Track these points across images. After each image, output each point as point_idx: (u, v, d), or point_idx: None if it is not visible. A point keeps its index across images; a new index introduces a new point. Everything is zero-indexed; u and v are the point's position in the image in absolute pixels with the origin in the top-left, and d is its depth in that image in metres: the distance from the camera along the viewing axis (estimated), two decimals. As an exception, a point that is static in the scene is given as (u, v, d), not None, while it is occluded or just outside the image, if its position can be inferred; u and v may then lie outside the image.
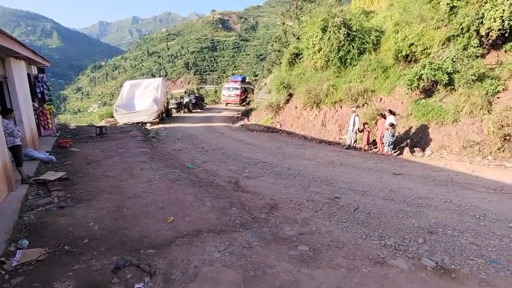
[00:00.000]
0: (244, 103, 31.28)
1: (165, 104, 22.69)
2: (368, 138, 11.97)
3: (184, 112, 27.19)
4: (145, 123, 18.87)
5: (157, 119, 19.45)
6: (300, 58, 18.95)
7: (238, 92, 32.23)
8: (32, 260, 3.84)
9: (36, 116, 11.37)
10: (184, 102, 27.73)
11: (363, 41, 14.72)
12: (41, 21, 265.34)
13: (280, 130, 16.88)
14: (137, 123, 18.65)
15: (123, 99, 19.81)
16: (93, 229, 4.77)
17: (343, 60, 15.18)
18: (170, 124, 19.07)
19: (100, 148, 10.85)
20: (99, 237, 4.51)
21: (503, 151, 9.43)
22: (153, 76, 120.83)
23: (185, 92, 31.44)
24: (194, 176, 7.95)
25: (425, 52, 12.15)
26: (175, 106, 27.35)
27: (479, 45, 10.73)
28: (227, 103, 33.57)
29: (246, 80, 39.36)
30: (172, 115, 24.60)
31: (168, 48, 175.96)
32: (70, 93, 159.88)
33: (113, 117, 20.52)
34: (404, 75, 12.03)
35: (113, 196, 6.20)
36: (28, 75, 10.99)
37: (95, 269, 3.73)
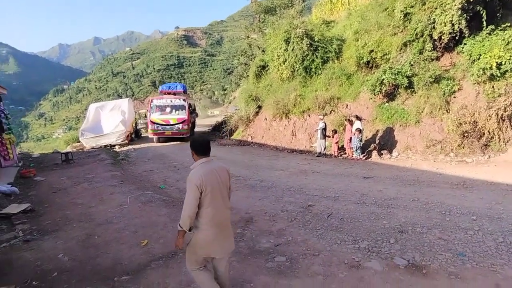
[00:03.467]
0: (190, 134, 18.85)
1: (134, 124, 22.24)
2: (337, 144, 12.28)
3: (154, 131, 26.67)
4: (114, 145, 18.33)
5: (126, 141, 18.96)
6: (267, 70, 19.26)
7: (184, 113, 18.33)
8: (-4, 301, 3.61)
9: (-6, 147, 10.78)
10: (153, 121, 27.22)
11: (326, 50, 15.19)
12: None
13: (252, 142, 16.96)
14: (105, 146, 18.10)
15: (89, 122, 19.22)
16: (62, 261, 4.55)
17: (308, 69, 15.57)
18: (140, 145, 18.65)
19: (67, 175, 10.42)
20: (70, 269, 4.31)
21: (463, 147, 9.98)
22: (120, 96, 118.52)
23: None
24: (167, 196, 7.81)
25: (385, 57, 12.68)
26: (144, 125, 26.83)
27: (433, 48, 11.28)
28: (159, 137, 18.64)
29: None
30: (142, 135, 24.11)
31: (133, 68, 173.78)
32: (32, 120, 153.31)
33: (79, 141, 19.83)
34: (367, 81, 12.48)
35: (82, 224, 5.95)
36: (-17, 104, 10.44)
37: (66, 303, 3.56)
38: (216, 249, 3.00)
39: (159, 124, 18.27)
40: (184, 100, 19.16)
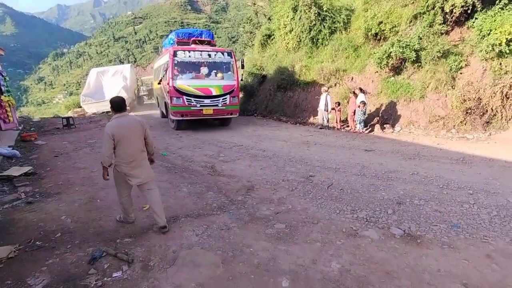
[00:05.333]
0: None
1: (136, 91, 22.08)
2: (340, 117, 12.22)
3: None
4: (116, 111, 18.31)
5: (128, 107, 18.94)
6: (272, 39, 18.85)
7: (233, 78, 11.90)
8: (1, 258, 3.70)
9: (-6, 109, 10.74)
10: (155, 88, 27.00)
11: (334, 20, 14.73)
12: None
13: (255, 113, 16.89)
14: (107, 112, 18.07)
15: (90, 88, 19.13)
16: (65, 222, 4.65)
17: (314, 40, 15.21)
18: (142, 112, 18.64)
19: (69, 140, 10.47)
20: (73, 230, 4.41)
21: (465, 124, 9.94)
22: (121, 62, 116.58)
23: (156, 78, 30.51)
24: (169, 162, 7.87)
25: (394, 30, 12.30)
26: (146, 93, 26.65)
27: (443, 22, 10.94)
28: (188, 119, 11.78)
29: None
30: (144, 103, 24.01)
31: (136, 33, 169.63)
32: (31, 84, 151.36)
33: (80, 107, 19.80)
34: (374, 53, 12.20)
35: (85, 188, 6.04)
36: (-19, 66, 10.26)
37: (70, 262, 3.66)
38: (130, 178, 4.16)
39: (191, 95, 11.05)
40: (229, 54, 12.06)
